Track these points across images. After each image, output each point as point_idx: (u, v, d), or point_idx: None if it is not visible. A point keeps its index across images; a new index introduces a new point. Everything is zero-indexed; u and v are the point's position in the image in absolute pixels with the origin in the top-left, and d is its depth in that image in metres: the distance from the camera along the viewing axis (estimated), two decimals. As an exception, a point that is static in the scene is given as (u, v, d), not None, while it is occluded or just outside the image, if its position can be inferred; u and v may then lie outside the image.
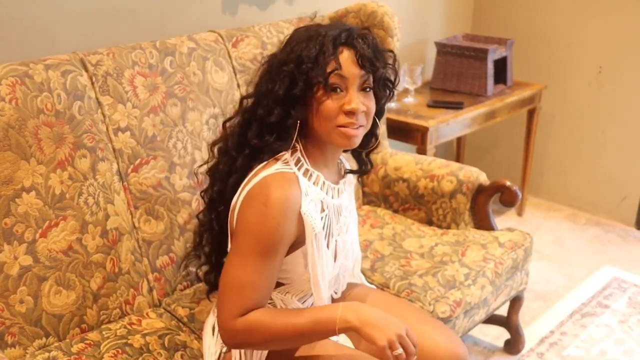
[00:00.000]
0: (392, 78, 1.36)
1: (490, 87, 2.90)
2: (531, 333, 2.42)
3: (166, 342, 1.58)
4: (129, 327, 1.62)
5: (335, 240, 1.37)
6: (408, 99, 2.83)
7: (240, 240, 1.25)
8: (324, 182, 1.34)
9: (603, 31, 3.11)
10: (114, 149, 1.70)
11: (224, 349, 1.39)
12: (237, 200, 1.29)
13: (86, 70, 1.68)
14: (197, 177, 1.82)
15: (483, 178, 2.18)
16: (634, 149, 3.16)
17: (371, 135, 1.39)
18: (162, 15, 2.12)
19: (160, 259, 1.77)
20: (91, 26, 1.95)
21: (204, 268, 1.53)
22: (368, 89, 1.29)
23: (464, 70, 2.92)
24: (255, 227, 1.23)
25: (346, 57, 1.26)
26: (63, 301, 1.57)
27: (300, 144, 1.32)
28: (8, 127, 1.49)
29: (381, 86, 1.32)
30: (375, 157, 2.35)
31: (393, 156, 2.33)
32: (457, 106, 2.74)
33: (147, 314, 1.70)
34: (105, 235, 1.65)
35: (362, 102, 1.26)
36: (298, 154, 1.31)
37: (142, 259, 1.74)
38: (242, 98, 1.38)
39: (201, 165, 1.54)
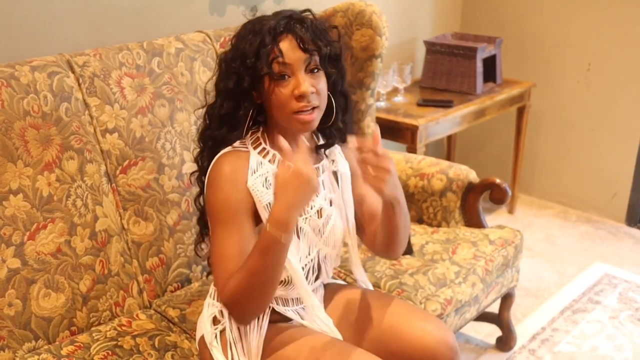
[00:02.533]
0: (338, 53, 1.39)
1: (480, 85, 2.91)
2: (523, 330, 2.42)
3: (156, 343, 1.57)
4: (119, 328, 1.62)
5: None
6: (397, 98, 2.83)
7: (208, 218, 1.36)
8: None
9: (591, 28, 3.13)
10: (101, 151, 1.70)
11: (219, 329, 1.42)
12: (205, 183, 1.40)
13: (73, 71, 1.67)
14: (189, 179, 1.82)
15: (473, 176, 2.18)
16: (623, 146, 3.17)
17: (330, 111, 1.41)
18: (150, 17, 2.11)
19: (150, 261, 1.77)
20: (78, 28, 1.94)
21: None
22: (316, 70, 1.33)
23: (453, 68, 2.93)
24: (212, 201, 1.33)
25: (287, 43, 1.30)
26: (52, 304, 1.56)
27: (262, 127, 1.40)
28: (-6, 130, 1.48)
29: (328, 64, 1.36)
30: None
31: (383, 155, 2.33)
32: (447, 104, 2.74)
33: (137, 315, 1.69)
34: (94, 237, 1.65)
35: (311, 84, 1.31)
36: (258, 134, 1.40)
37: (132, 261, 1.73)
38: (205, 99, 1.47)
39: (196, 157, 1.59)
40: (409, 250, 2.00)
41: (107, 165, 1.70)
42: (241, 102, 1.35)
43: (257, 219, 1.35)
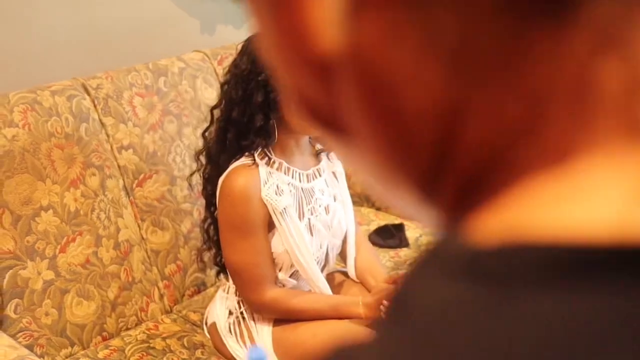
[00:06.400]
0: None
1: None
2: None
3: (185, 343, 1.68)
4: (147, 332, 1.72)
5: (309, 219, 1.54)
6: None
7: (222, 231, 1.48)
8: (288, 168, 1.51)
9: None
10: (119, 166, 1.81)
11: (232, 320, 1.58)
12: (217, 192, 1.50)
13: (88, 94, 1.79)
14: (191, 187, 1.93)
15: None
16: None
17: None
18: (148, 38, 2.23)
19: (169, 267, 1.88)
20: (84, 52, 2.05)
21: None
22: None
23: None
24: (229, 216, 1.45)
25: None
26: (84, 311, 1.66)
27: (264, 138, 1.46)
28: (24, 151, 1.59)
29: None
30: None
31: (372, 158, 2.48)
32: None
33: (161, 319, 1.80)
34: (118, 247, 1.75)
35: None
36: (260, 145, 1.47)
37: (152, 268, 1.85)
38: (212, 108, 1.55)
39: (191, 174, 1.69)
40: (405, 244, 2.15)
41: (124, 179, 1.81)
42: (271, 113, 1.43)
43: (270, 226, 1.48)
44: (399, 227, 2.21)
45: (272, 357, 1.52)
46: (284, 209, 1.47)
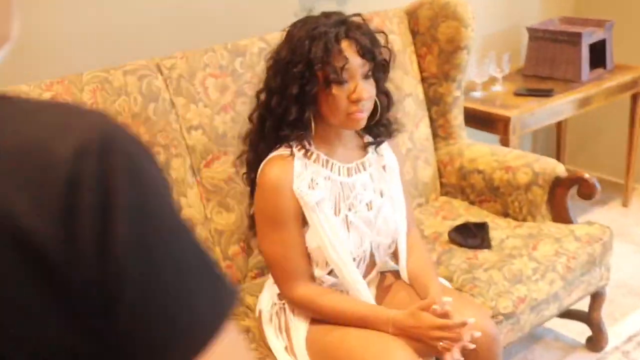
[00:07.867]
0: (387, 58, 1.46)
1: (585, 72, 2.77)
2: (618, 330, 2.31)
3: (230, 326, 1.69)
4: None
5: (346, 215, 1.47)
6: (496, 88, 2.77)
7: (257, 221, 1.48)
8: (327, 160, 1.47)
9: None
10: (187, 146, 1.84)
11: (275, 310, 1.56)
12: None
13: (161, 73, 1.82)
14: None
15: (560, 170, 2.11)
16: None
17: (374, 111, 1.48)
18: (237, 19, 2.23)
19: (232, 248, 1.90)
20: (169, 32, 2.10)
21: None
22: (369, 76, 1.40)
23: (557, 55, 2.81)
24: (259, 208, 1.46)
25: (349, 50, 1.38)
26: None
27: (305, 128, 1.44)
28: (89, 129, 1.66)
29: (380, 70, 1.43)
30: (452, 148, 2.33)
31: (469, 147, 2.31)
32: (546, 94, 2.65)
33: (217, 299, 1.83)
34: (179, 225, 1.79)
35: (367, 90, 1.38)
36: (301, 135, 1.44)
37: (215, 248, 1.87)
38: (258, 92, 1.52)
39: (238, 157, 1.66)
40: (486, 245, 1.98)
41: (191, 159, 1.84)
42: (306, 107, 1.41)
43: (304, 220, 1.44)
44: (481, 227, 2.05)
45: (304, 354, 1.48)
46: (317, 203, 1.42)
